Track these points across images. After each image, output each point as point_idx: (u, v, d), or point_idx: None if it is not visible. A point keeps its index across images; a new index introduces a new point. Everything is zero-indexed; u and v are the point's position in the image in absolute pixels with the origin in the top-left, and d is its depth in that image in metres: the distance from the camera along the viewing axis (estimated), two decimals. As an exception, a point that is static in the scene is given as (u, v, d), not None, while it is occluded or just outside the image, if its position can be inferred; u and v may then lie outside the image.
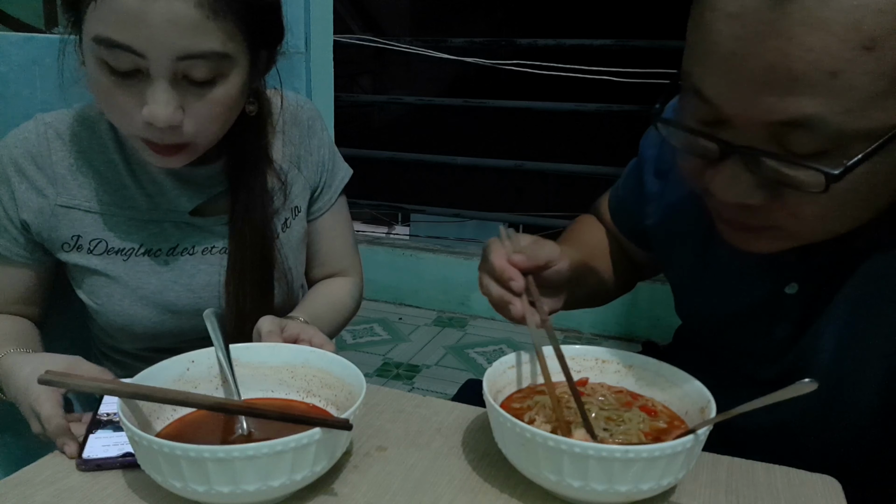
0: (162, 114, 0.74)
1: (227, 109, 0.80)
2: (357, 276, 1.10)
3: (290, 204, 0.97)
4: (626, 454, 0.56)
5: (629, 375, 0.75)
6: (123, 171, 0.88)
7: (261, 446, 0.55)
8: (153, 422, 0.67)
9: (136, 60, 0.73)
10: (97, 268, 0.89)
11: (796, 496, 0.66)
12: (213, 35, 0.74)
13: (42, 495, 0.63)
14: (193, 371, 0.72)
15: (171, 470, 0.56)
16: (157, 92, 0.74)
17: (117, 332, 0.92)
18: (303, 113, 1.00)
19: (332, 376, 0.72)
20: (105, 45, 0.72)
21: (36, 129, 0.87)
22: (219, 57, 0.75)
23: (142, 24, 0.71)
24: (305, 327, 0.81)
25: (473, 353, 2.69)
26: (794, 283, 0.72)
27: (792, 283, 0.72)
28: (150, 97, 0.74)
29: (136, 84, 0.75)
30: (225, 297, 0.91)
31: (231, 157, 0.91)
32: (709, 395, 0.66)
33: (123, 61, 0.73)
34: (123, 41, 0.71)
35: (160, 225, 0.90)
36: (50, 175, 0.86)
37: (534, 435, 0.59)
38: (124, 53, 0.72)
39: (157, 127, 0.75)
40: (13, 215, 0.87)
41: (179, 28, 0.72)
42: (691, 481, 0.68)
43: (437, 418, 0.78)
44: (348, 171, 1.07)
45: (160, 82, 0.74)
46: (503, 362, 0.73)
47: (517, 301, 0.71)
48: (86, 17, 0.74)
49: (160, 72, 0.74)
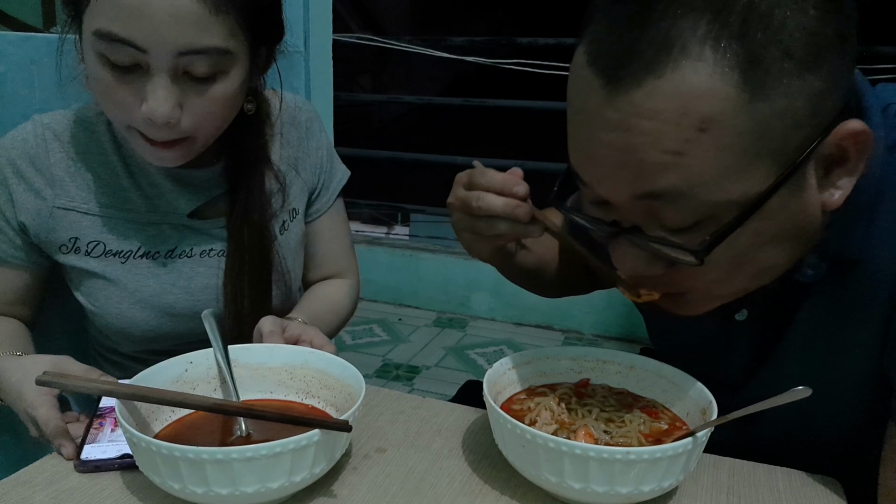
0: (161, 109, 0.74)
1: (226, 106, 0.80)
2: (354, 278, 1.10)
3: (288, 206, 0.97)
4: (627, 456, 0.56)
5: (630, 377, 0.75)
6: (122, 172, 0.88)
7: (259, 448, 0.55)
8: (151, 423, 0.66)
9: (137, 55, 0.72)
10: (95, 270, 0.88)
11: (797, 497, 0.66)
12: (215, 31, 0.73)
13: (41, 496, 0.63)
14: (192, 372, 0.72)
15: (169, 471, 0.56)
16: (156, 87, 0.74)
17: (115, 334, 0.92)
18: (301, 114, 1.00)
19: (331, 377, 0.72)
20: (106, 39, 0.72)
21: (34, 130, 0.87)
22: (220, 53, 0.75)
23: (144, 18, 0.70)
24: (307, 328, 0.81)
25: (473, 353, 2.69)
26: (743, 310, 0.73)
27: (742, 311, 0.73)
28: (150, 93, 0.74)
29: (136, 79, 0.74)
30: (223, 298, 0.91)
31: (230, 158, 0.91)
32: (710, 396, 0.66)
33: (124, 56, 0.73)
34: (125, 35, 0.71)
35: (158, 227, 0.90)
36: (48, 177, 0.86)
37: (534, 436, 0.58)
38: (125, 48, 0.72)
39: (155, 123, 0.75)
40: (10, 217, 0.86)
41: (181, 23, 0.71)
42: (692, 483, 0.67)
43: (436, 420, 0.78)
44: (346, 172, 1.07)
45: (160, 77, 0.74)
46: (503, 363, 0.73)
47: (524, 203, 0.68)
48: (86, 12, 0.73)
49: (160, 67, 0.73)
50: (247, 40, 0.78)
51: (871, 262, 0.63)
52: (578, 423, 0.67)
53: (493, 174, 0.70)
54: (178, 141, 0.79)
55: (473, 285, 3.06)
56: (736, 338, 0.75)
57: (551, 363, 0.76)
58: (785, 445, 0.78)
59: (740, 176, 0.53)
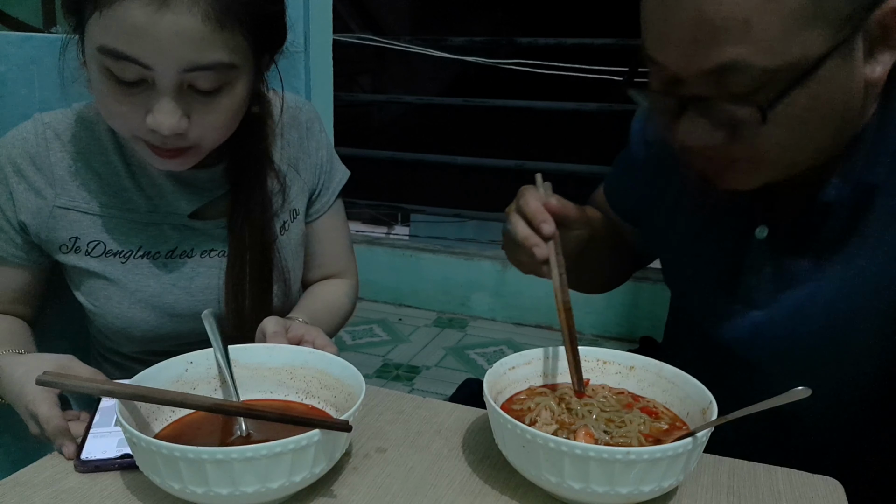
0: (167, 122, 0.74)
1: (233, 116, 0.80)
2: (353, 279, 1.10)
3: (288, 206, 0.97)
4: (628, 456, 0.56)
5: (630, 377, 0.75)
6: (123, 172, 0.88)
7: (259, 448, 0.55)
8: (151, 423, 0.66)
9: (142, 72, 0.72)
10: (95, 270, 0.88)
11: (798, 497, 0.66)
12: (220, 47, 0.73)
13: (41, 496, 0.63)
14: (192, 372, 0.72)
15: (169, 471, 0.56)
16: (162, 102, 0.74)
17: (115, 334, 0.92)
18: (302, 115, 1.00)
19: (331, 377, 0.72)
20: (111, 56, 0.72)
21: (35, 129, 0.87)
22: (225, 68, 0.75)
23: (149, 37, 0.70)
24: (309, 329, 0.81)
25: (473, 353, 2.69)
26: (763, 227, 0.77)
27: (762, 227, 0.77)
28: (156, 107, 0.74)
29: (141, 92, 0.75)
30: (224, 298, 0.91)
31: (232, 159, 0.91)
32: (710, 396, 0.66)
33: (129, 72, 0.73)
34: (130, 54, 0.71)
35: (159, 227, 0.90)
36: (48, 176, 0.86)
37: (534, 436, 0.58)
38: (130, 65, 0.72)
39: (161, 134, 0.75)
40: (11, 216, 0.86)
41: (186, 41, 0.71)
42: (693, 483, 0.67)
43: (436, 420, 0.78)
44: (346, 173, 1.07)
45: (166, 92, 0.74)
46: (504, 363, 0.73)
47: (543, 244, 0.73)
48: (88, 24, 0.73)
49: (166, 83, 0.73)
50: (252, 51, 0.78)
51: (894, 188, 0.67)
52: (578, 423, 0.67)
53: (529, 200, 0.74)
54: (183, 149, 0.79)
55: (473, 285, 3.06)
56: (755, 257, 0.78)
57: (551, 363, 0.76)
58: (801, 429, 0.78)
59: (800, 41, 0.58)
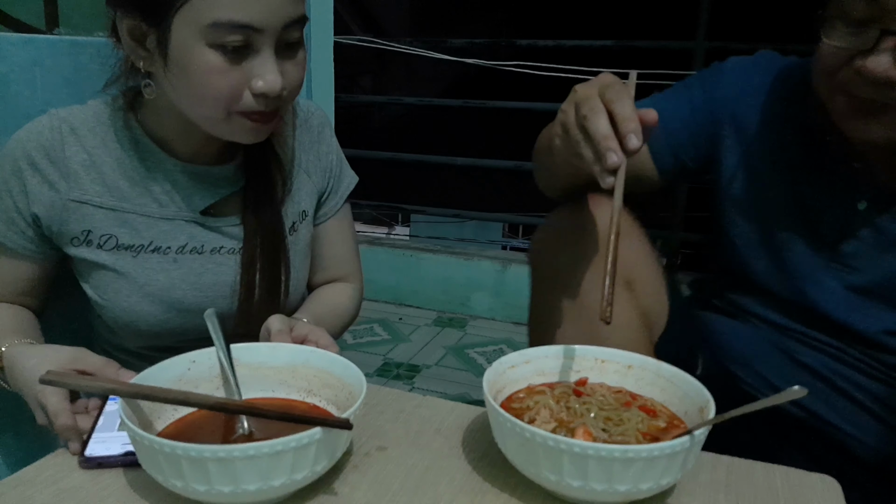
0: (277, 81, 0.78)
1: (304, 70, 0.85)
2: (358, 283, 1.11)
3: (298, 208, 0.99)
4: (626, 454, 0.57)
5: (629, 375, 0.75)
6: (138, 167, 0.89)
7: (261, 446, 0.55)
8: (154, 421, 0.67)
9: (249, 37, 0.76)
10: (106, 263, 0.89)
11: (796, 496, 0.67)
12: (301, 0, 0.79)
13: (43, 495, 0.63)
14: (194, 371, 0.72)
15: (171, 469, 0.57)
16: (266, 62, 0.78)
17: (122, 328, 0.93)
18: (314, 119, 1.03)
19: (332, 376, 0.72)
20: (225, 28, 0.75)
21: (50, 123, 0.87)
22: (305, 20, 0.81)
23: (259, 1, 0.75)
24: (314, 328, 0.82)
25: (473, 353, 2.69)
26: (864, 201, 0.83)
27: (862, 201, 0.83)
28: (261, 68, 0.78)
29: (242, 59, 0.78)
30: (238, 295, 0.92)
31: (246, 156, 0.93)
32: (708, 394, 0.66)
33: (237, 40, 0.76)
34: (244, 20, 0.75)
35: (171, 223, 0.91)
36: (63, 169, 0.87)
37: (533, 435, 0.59)
38: (242, 31, 0.75)
39: (269, 97, 0.79)
40: (23, 208, 0.87)
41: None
42: (691, 481, 0.68)
43: (437, 418, 0.78)
44: (354, 178, 1.09)
45: (267, 52, 0.78)
46: (503, 362, 0.73)
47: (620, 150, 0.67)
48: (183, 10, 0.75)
49: (268, 43, 0.78)
50: None
51: None
52: (577, 421, 0.67)
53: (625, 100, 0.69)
54: (274, 112, 0.83)
55: (473, 285, 3.06)
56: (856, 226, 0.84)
57: (550, 362, 0.77)
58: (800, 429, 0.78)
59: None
